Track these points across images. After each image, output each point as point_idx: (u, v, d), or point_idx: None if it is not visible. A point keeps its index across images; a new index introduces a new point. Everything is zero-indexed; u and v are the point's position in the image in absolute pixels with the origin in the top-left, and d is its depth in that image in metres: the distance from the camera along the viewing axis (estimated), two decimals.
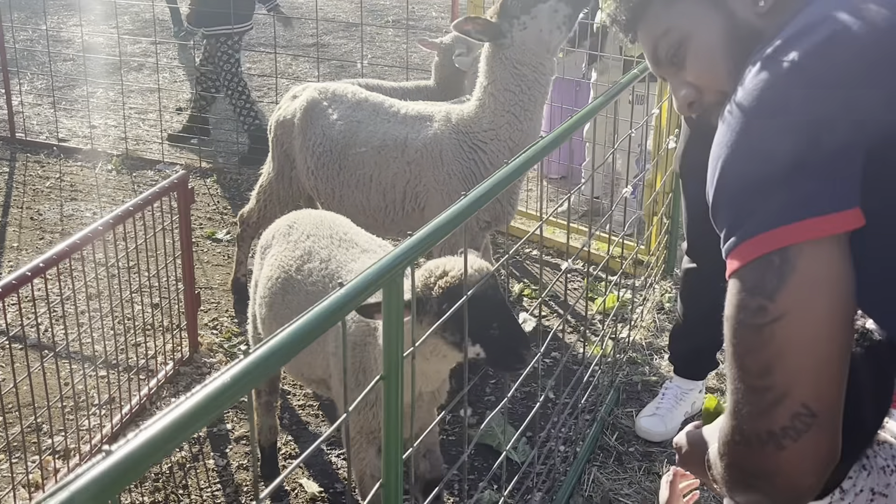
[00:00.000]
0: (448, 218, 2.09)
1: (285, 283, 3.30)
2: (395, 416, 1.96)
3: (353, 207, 4.28)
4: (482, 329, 2.61)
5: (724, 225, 1.47)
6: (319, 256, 3.28)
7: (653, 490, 3.62)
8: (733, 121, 1.45)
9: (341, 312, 1.67)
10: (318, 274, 3.23)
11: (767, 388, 1.34)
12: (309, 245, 3.33)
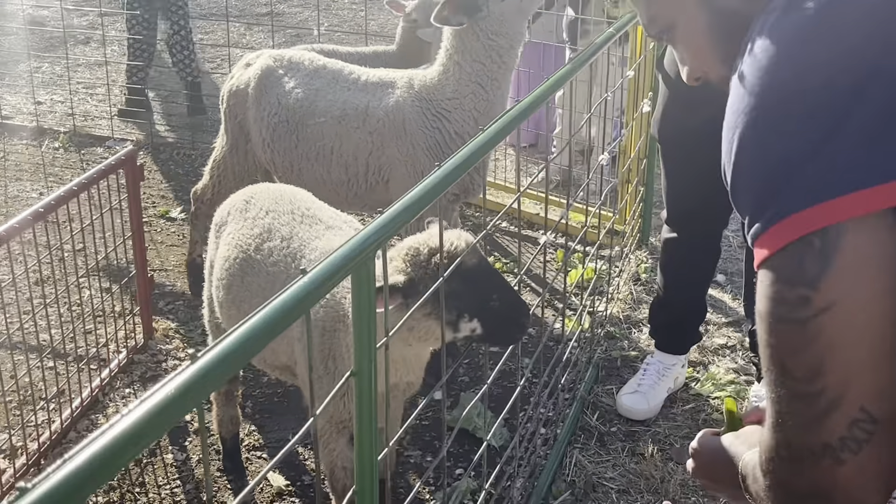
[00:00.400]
0: (420, 193, 1.88)
1: (244, 263, 3.07)
2: (368, 415, 1.75)
3: (312, 182, 4.04)
4: (482, 303, 2.43)
5: (747, 207, 1.26)
6: (280, 234, 3.04)
7: (637, 472, 3.45)
8: (749, 86, 1.25)
9: (304, 304, 1.45)
10: (279, 253, 3.00)
11: (818, 392, 1.15)
12: (268, 222, 3.10)
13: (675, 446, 3.60)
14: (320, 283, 1.47)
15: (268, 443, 3.68)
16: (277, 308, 1.39)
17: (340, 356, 2.76)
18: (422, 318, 2.42)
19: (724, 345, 4.26)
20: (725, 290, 4.71)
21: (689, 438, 3.64)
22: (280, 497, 3.39)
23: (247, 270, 3.05)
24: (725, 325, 4.41)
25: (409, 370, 2.79)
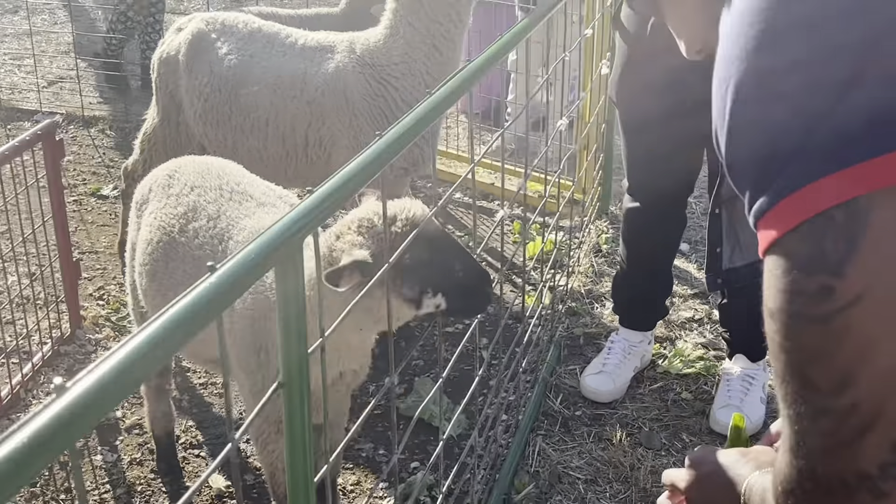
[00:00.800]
0: (358, 167, 1.60)
1: (167, 247, 2.77)
2: (300, 432, 1.48)
3: (248, 156, 3.73)
4: (447, 275, 2.20)
5: (747, 179, 1.01)
6: (206, 213, 2.75)
7: (605, 460, 3.23)
8: (746, 20, 0.99)
9: (215, 308, 1.17)
10: (205, 234, 2.71)
11: (849, 408, 0.90)
12: (193, 199, 2.80)
13: (643, 430, 3.38)
14: (234, 281, 1.20)
15: (207, 439, 3.39)
16: (181, 314, 1.11)
17: (275, 347, 2.49)
18: (383, 298, 2.13)
19: (691, 318, 4.05)
20: (690, 260, 4.50)
21: (658, 421, 3.43)
22: (220, 499, 3.12)
23: (171, 255, 2.76)
24: (691, 298, 4.20)
25: (353, 357, 2.53)
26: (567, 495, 3.08)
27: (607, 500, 3.06)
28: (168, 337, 1.08)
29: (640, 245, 3.59)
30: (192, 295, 1.15)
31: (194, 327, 1.13)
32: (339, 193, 1.50)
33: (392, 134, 1.74)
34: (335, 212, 1.49)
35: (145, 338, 1.05)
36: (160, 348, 1.07)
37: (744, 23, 0.98)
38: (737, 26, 0.99)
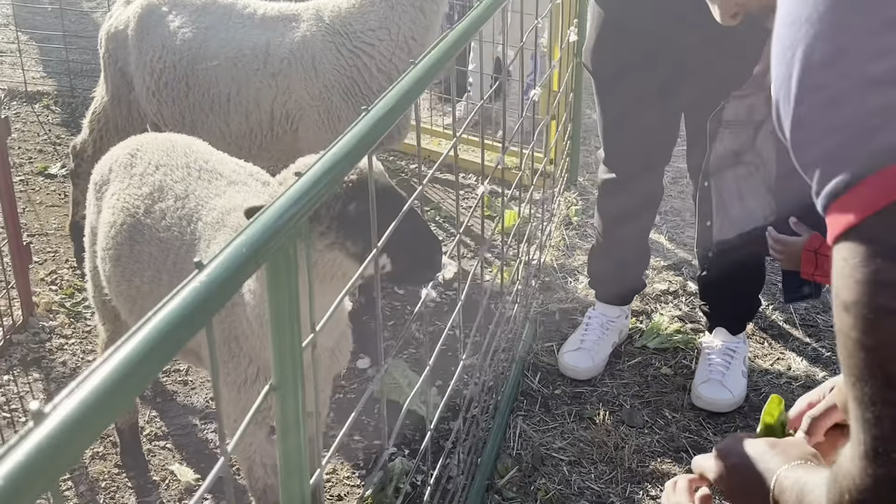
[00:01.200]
0: (347, 146, 1.46)
1: (132, 229, 2.61)
2: (296, 435, 1.36)
3: (208, 134, 3.54)
4: (395, 235, 1.99)
5: (818, 157, 0.90)
6: (174, 193, 2.59)
7: (588, 440, 3.14)
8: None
9: (207, 311, 1.04)
10: (172, 215, 2.55)
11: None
12: (159, 179, 2.64)
13: (625, 407, 3.30)
14: (223, 282, 1.06)
15: (172, 430, 3.24)
16: (167, 323, 0.98)
17: (244, 335, 2.36)
18: (324, 250, 2.06)
19: (666, 290, 3.97)
20: (661, 231, 4.42)
21: (639, 397, 3.35)
22: (189, 493, 2.98)
23: (136, 238, 2.60)
24: (665, 269, 4.12)
25: (324, 331, 2.38)
26: (551, 478, 2.99)
27: (592, 482, 2.98)
28: (158, 347, 0.95)
29: (616, 217, 3.49)
30: (181, 297, 1.01)
31: (185, 334, 1.00)
32: (330, 175, 1.37)
33: (379, 108, 1.61)
34: (326, 195, 1.36)
35: (133, 350, 0.92)
36: (150, 361, 0.93)
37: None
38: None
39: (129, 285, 2.63)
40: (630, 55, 3.06)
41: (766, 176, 3.03)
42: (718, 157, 2.96)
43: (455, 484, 2.78)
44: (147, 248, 2.58)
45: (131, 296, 2.65)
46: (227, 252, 1.10)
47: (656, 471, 3.01)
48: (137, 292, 2.61)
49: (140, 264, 2.60)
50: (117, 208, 2.66)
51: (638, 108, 3.17)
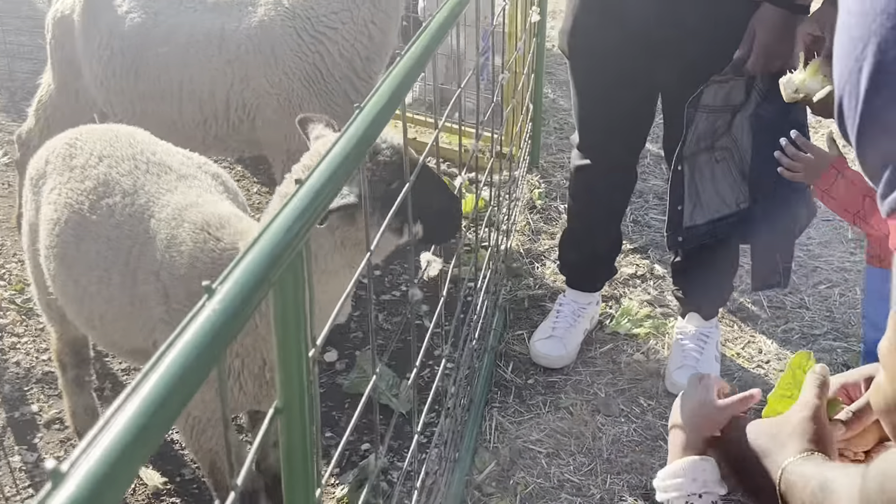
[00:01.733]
0: (348, 148, 1.36)
1: (77, 227, 2.48)
2: (302, 464, 1.27)
3: (160, 125, 3.39)
4: (425, 203, 2.18)
5: (888, 158, 0.84)
6: (121, 187, 2.46)
7: (565, 430, 3.10)
8: None
9: (220, 343, 0.94)
10: (122, 212, 2.43)
11: None
12: (104, 172, 2.51)
13: (599, 396, 3.26)
14: (237, 309, 0.97)
15: None
16: (183, 359, 0.89)
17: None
18: (371, 229, 2.08)
19: (634, 274, 3.94)
20: (626, 213, 4.38)
21: (614, 385, 3.32)
22: (157, 497, 2.87)
23: (82, 235, 2.47)
24: (632, 252, 4.09)
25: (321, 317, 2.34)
26: (530, 471, 2.94)
27: (571, 474, 2.93)
28: (176, 391, 0.86)
29: (589, 204, 3.43)
30: (193, 331, 0.92)
31: (203, 369, 0.91)
32: (332, 182, 1.27)
33: (373, 104, 1.51)
34: (326, 208, 1.26)
35: (149, 396, 0.83)
36: (167, 409, 0.84)
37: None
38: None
39: (75, 285, 2.51)
40: (608, 39, 2.99)
41: (739, 161, 2.99)
42: (693, 141, 2.92)
43: (436, 481, 2.71)
44: (94, 245, 2.45)
45: (78, 296, 2.52)
46: (236, 275, 1.01)
47: (635, 461, 2.98)
48: (84, 293, 2.49)
49: (87, 264, 2.47)
50: (59, 204, 2.53)
51: (616, 93, 3.10)
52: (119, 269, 2.42)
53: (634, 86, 3.04)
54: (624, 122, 3.16)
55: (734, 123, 2.90)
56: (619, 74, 3.03)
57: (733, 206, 3.00)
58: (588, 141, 3.30)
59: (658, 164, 4.79)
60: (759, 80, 2.82)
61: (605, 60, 3.04)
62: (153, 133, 3.46)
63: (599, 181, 3.32)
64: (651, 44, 2.92)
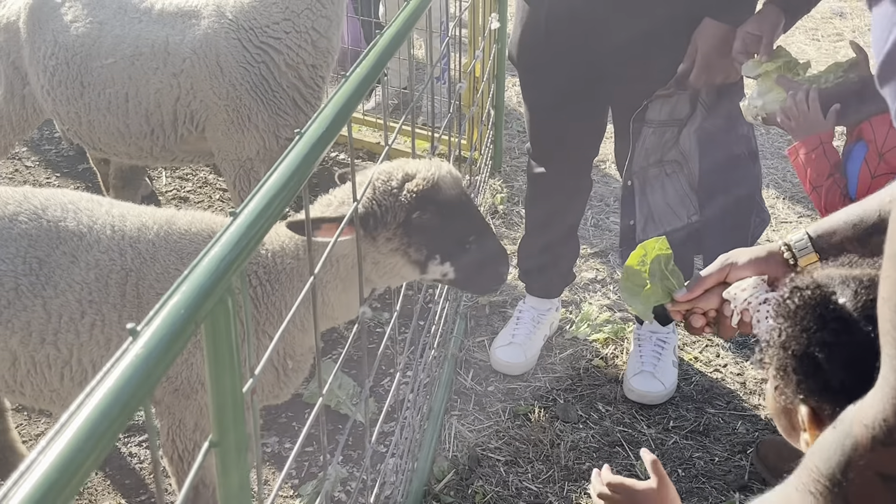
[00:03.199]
0: (283, 180, 1.37)
1: None
2: (237, 492, 1.28)
3: (108, 135, 3.38)
4: (457, 244, 2.18)
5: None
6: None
7: (524, 438, 3.12)
8: None
9: (145, 387, 0.95)
10: None
11: None
12: None
13: (558, 402, 3.28)
14: (162, 352, 0.98)
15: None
16: (103, 407, 0.89)
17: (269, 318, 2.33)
18: (388, 253, 2.16)
19: (594, 279, 3.97)
20: (586, 218, 4.40)
21: (573, 391, 3.35)
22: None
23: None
24: (591, 257, 4.12)
25: (347, 313, 2.42)
26: (488, 479, 2.96)
27: (530, 482, 2.95)
28: (99, 435, 0.87)
29: (546, 212, 3.45)
30: (118, 374, 0.93)
31: (125, 416, 0.92)
32: (268, 213, 1.28)
33: (315, 129, 1.52)
34: (263, 237, 1.27)
35: (64, 451, 0.83)
36: (85, 459, 0.85)
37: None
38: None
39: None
40: (555, 50, 3.01)
41: (689, 174, 3.02)
42: (641, 156, 2.95)
43: (394, 491, 2.73)
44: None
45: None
46: (162, 316, 1.02)
47: (592, 468, 3.00)
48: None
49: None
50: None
51: (564, 103, 3.12)
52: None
53: (581, 99, 3.06)
54: (573, 134, 3.19)
55: (681, 137, 2.93)
56: (565, 88, 3.05)
57: (684, 218, 3.03)
58: (540, 150, 3.32)
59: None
60: (704, 94, 2.85)
61: (551, 73, 3.06)
62: (101, 143, 3.44)
63: (554, 189, 3.34)
64: (596, 58, 2.95)
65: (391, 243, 2.15)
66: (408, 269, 2.19)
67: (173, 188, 4.62)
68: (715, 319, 1.77)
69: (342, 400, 3.24)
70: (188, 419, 2.41)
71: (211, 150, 3.43)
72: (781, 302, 1.30)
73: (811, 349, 1.24)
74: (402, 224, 2.12)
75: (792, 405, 1.29)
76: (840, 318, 1.23)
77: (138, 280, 2.28)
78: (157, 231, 2.34)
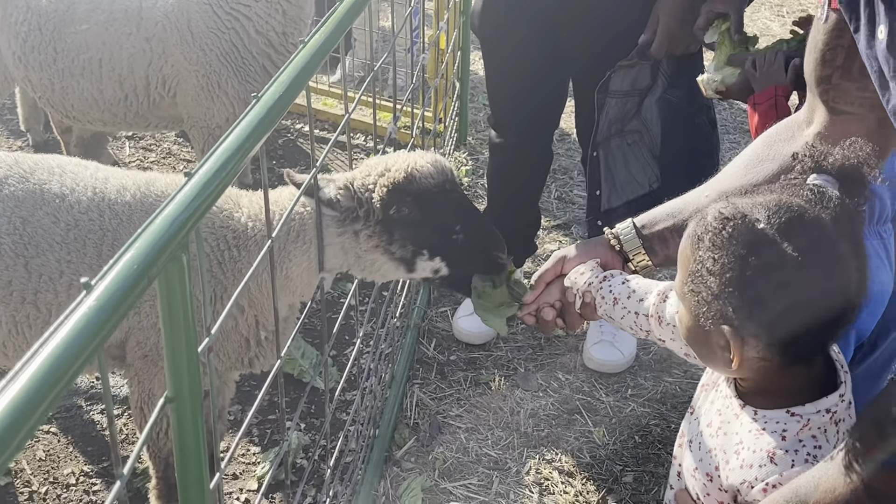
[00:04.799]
0: (238, 141, 1.38)
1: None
2: (193, 447, 1.30)
3: (81, 101, 3.38)
4: (444, 236, 2.05)
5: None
6: None
7: (484, 406, 3.16)
8: None
9: (96, 339, 0.97)
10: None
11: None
12: None
13: (519, 371, 3.33)
14: (116, 304, 1.00)
15: (55, 413, 3.11)
16: (55, 357, 0.91)
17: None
18: (370, 250, 2.07)
19: (556, 250, 4.00)
20: (550, 190, 4.45)
21: (533, 360, 3.39)
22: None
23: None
24: (554, 229, 4.16)
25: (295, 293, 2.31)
26: (449, 446, 3.00)
27: (490, 448, 3.00)
28: (49, 383, 0.88)
29: (506, 182, 3.48)
30: (70, 326, 0.94)
31: (76, 366, 0.93)
32: (223, 174, 1.30)
33: (271, 93, 1.53)
34: (218, 197, 1.29)
35: (21, 390, 0.85)
36: (38, 401, 0.87)
37: None
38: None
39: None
40: (515, 20, 3.04)
41: (650, 142, 3.07)
42: (605, 126, 2.99)
43: (354, 457, 2.76)
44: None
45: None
46: (116, 270, 1.03)
47: (551, 434, 3.06)
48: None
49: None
50: None
51: (524, 72, 3.16)
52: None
53: (542, 69, 3.09)
54: (533, 103, 3.22)
55: (643, 106, 2.97)
56: (525, 58, 3.09)
57: (646, 186, 3.07)
58: (500, 119, 3.35)
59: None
60: (665, 64, 2.89)
61: (511, 43, 3.09)
62: (74, 109, 3.43)
63: (514, 160, 3.38)
64: (556, 29, 2.98)
65: (371, 240, 2.06)
66: (391, 266, 2.10)
67: (136, 158, 4.59)
68: (561, 311, 1.88)
69: (305, 369, 3.27)
70: (156, 387, 2.43)
71: (182, 116, 3.43)
72: (715, 232, 1.38)
73: (746, 273, 1.34)
74: (381, 221, 2.04)
75: (712, 328, 1.41)
76: (766, 240, 1.35)
77: (114, 241, 2.29)
78: (135, 193, 2.34)
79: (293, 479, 2.87)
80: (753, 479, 1.41)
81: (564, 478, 2.89)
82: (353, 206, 2.06)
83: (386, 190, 2.03)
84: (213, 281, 2.26)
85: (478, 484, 2.87)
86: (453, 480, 2.88)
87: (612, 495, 2.85)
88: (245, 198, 2.31)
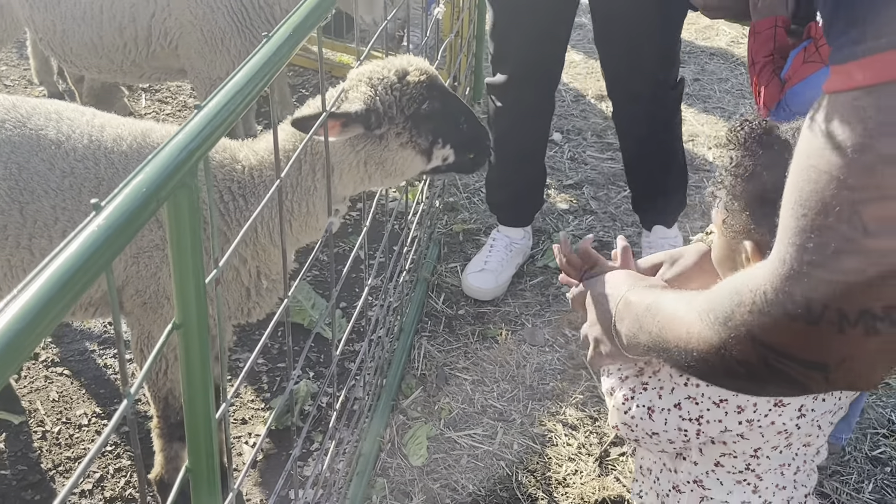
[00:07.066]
0: (249, 75, 1.40)
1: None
2: (200, 375, 1.34)
3: (80, 46, 3.40)
4: (454, 126, 2.27)
5: (844, 20, 0.92)
6: None
7: (491, 359, 3.20)
8: None
9: (103, 258, 1.00)
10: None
11: (887, 251, 0.90)
12: None
13: (526, 326, 3.36)
14: (124, 225, 1.03)
15: (68, 356, 3.17)
16: (65, 272, 0.94)
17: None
18: (398, 149, 2.22)
19: (567, 210, 4.02)
20: (563, 151, 4.45)
21: (541, 317, 3.42)
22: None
23: None
24: (567, 189, 4.17)
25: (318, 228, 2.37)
26: (454, 397, 3.04)
27: (495, 400, 3.04)
28: (55, 299, 0.91)
29: (508, 144, 3.46)
30: (78, 244, 0.97)
31: (83, 284, 0.96)
32: (232, 106, 1.32)
33: (281, 34, 1.55)
34: (228, 129, 1.31)
35: (27, 304, 0.88)
36: (45, 316, 0.90)
37: None
38: None
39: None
40: None
41: None
42: None
43: (361, 405, 2.80)
44: None
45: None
46: (125, 193, 1.06)
47: (556, 388, 3.09)
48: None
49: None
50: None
51: (530, 23, 3.18)
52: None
53: (549, 15, 3.16)
54: (536, 37, 3.23)
55: None
56: (533, 4, 3.12)
57: None
58: (501, 53, 3.35)
59: (599, 102, 4.85)
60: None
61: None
62: (73, 54, 3.44)
63: (514, 101, 3.37)
64: None
65: (401, 137, 2.19)
66: (417, 160, 2.24)
67: (152, 111, 4.62)
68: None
69: (315, 319, 3.30)
70: (156, 332, 2.47)
71: (180, 68, 3.45)
72: (733, 133, 1.49)
73: (758, 168, 1.42)
74: (412, 116, 2.18)
75: (736, 244, 1.48)
76: (781, 140, 1.43)
77: (109, 189, 2.31)
78: (131, 142, 2.36)
79: (299, 425, 2.92)
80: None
81: (568, 430, 2.93)
82: (381, 110, 2.16)
83: (422, 87, 2.19)
84: (218, 229, 2.29)
85: (482, 434, 2.92)
86: (458, 430, 2.92)
87: (614, 448, 2.88)
88: (242, 151, 2.34)
